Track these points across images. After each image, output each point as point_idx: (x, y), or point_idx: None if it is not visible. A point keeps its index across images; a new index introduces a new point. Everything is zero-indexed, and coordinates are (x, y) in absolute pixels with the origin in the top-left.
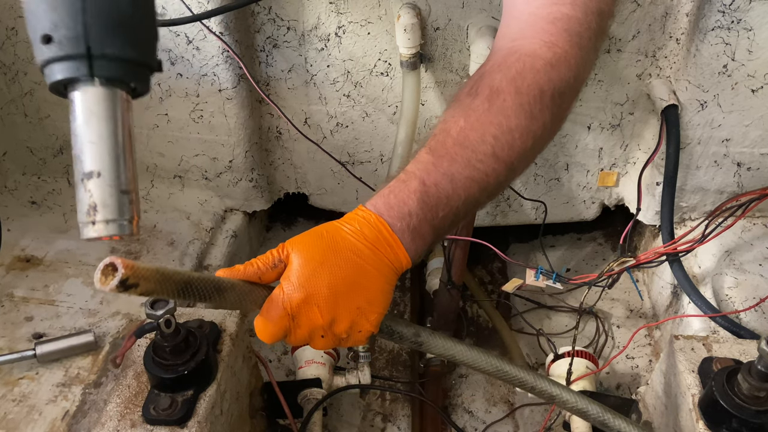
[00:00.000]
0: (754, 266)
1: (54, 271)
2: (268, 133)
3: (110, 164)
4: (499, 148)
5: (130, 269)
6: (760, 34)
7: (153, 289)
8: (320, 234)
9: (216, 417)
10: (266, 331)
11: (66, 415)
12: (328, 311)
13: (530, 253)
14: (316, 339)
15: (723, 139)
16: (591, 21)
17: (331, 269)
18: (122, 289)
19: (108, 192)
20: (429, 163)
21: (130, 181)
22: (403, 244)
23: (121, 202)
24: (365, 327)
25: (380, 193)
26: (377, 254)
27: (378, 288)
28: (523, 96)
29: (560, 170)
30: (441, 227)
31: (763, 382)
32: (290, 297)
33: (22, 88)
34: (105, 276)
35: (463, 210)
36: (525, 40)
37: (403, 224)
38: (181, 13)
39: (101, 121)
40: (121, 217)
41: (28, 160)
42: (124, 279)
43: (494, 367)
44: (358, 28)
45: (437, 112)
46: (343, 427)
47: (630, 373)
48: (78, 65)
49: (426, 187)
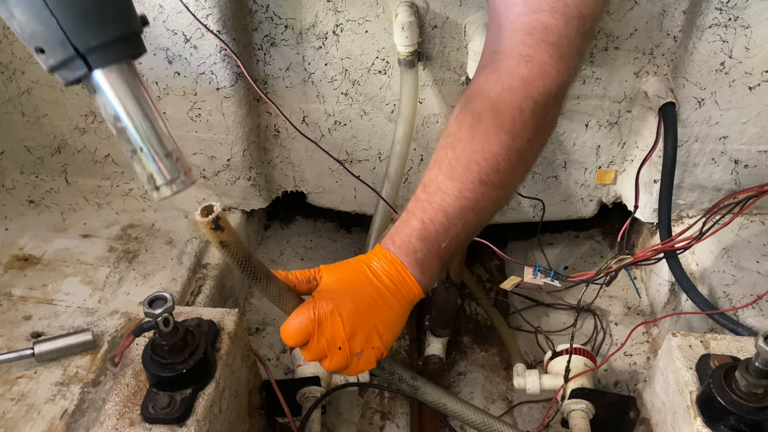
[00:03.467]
0: (752, 263)
1: (52, 270)
2: (266, 131)
3: (147, 136)
4: (484, 174)
5: (222, 215)
6: (757, 32)
7: (230, 242)
8: (349, 262)
9: (215, 415)
10: (293, 332)
11: (65, 414)
12: (350, 323)
13: (528, 250)
14: (333, 350)
15: (720, 137)
16: (572, 27)
17: (356, 288)
18: (213, 226)
19: (154, 161)
20: (424, 201)
21: (168, 142)
22: (414, 276)
23: (169, 164)
24: (377, 345)
25: (389, 234)
26: (394, 283)
27: (394, 312)
28: (503, 119)
29: (558, 168)
30: (446, 255)
31: (761, 378)
32: (319, 305)
33: (19, 87)
34: (202, 214)
35: (464, 234)
36: (504, 54)
37: (411, 259)
38: (179, 12)
39: (120, 101)
40: (175, 176)
41: (26, 159)
42: (217, 219)
43: (481, 420)
44: (356, 26)
45: (435, 110)
46: (342, 425)
47: (628, 371)
48: (75, 66)
49: (424, 224)
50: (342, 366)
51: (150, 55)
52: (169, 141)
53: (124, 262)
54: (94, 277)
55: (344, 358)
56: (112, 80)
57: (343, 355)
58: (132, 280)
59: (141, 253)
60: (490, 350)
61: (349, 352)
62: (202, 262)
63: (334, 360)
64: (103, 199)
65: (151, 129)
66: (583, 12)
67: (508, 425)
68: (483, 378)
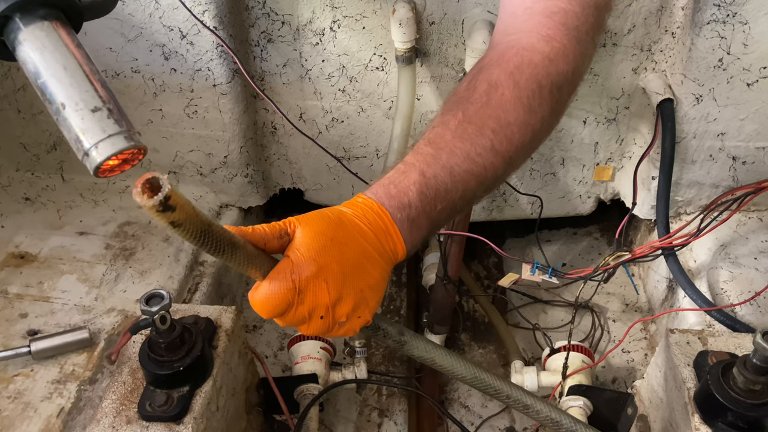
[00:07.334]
0: (749, 260)
1: (48, 268)
2: (263, 128)
3: (67, 91)
4: (497, 142)
5: (173, 191)
6: (756, 28)
7: (183, 219)
8: (326, 214)
9: (212, 413)
10: (268, 304)
11: (61, 412)
12: (336, 289)
13: (526, 247)
14: (314, 320)
15: (718, 133)
16: (588, 15)
17: (340, 247)
18: (161, 208)
19: (78, 118)
20: (428, 155)
21: (97, 98)
22: (402, 234)
23: (97, 121)
24: (364, 313)
25: (379, 182)
26: (380, 241)
27: (379, 274)
28: (522, 90)
29: (556, 165)
30: (438, 220)
31: (759, 375)
32: (300, 269)
33: (14, 84)
34: (143, 192)
35: (460, 203)
36: (522, 34)
37: (402, 215)
38: (175, 8)
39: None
40: (107, 135)
41: (22, 157)
42: (166, 199)
43: (472, 374)
44: (353, 22)
45: (433, 106)
46: (340, 423)
47: (626, 367)
48: None
49: (426, 178)
50: (322, 332)
51: (146, 51)
52: (100, 97)
53: (120, 259)
54: (91, 274)
55: (325, 325)
56: (32, 35)
57: (325, 323)
58: (129, 278)
59: (138, 250)
60: (487, 347)
61: (332, 321)
62: (199, 260)
63: (312, 327)
64: (99, 196)
65: (74, 83)
66: (599, 1)
67: (499, 378)
68: None
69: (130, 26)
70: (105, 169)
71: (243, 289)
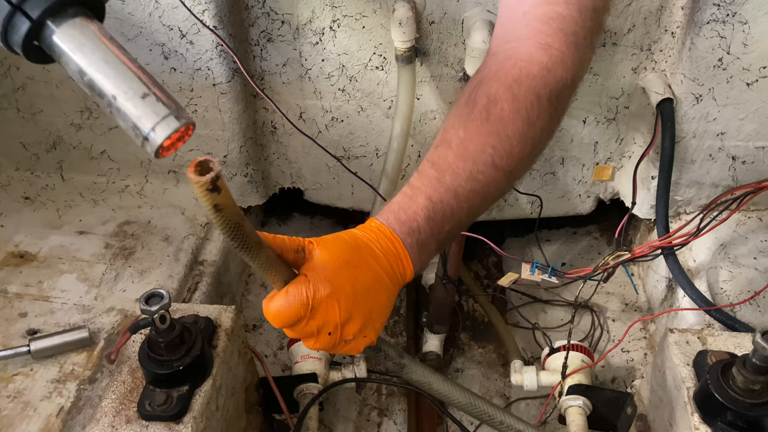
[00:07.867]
0: (749, 260)
1: (48, 267)
2: (262, 127)
3: (114, 83)
4: (498, 158)
5: (221, 173)
6: (755, 27)
7: (225, 205)
8: (343, 237)
9: (212, 412)
10: (281, 315)
11: (61, 411)
12: (347, 309)
13: (526, 247)
14: (322, 335)
15: (718, 133)
16: (586, 18)
17: (354, 270)
18: (210, 187)
19: (131, 106)
20: (433, 178)
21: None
22: (411, 258)
23: (149, 105)
24: (370, 333)
25: (389, 208)
26: (391, 265)
27: (387, 297)
28: (520, 102)
29: (555, 164)
30: (445, 239)
31: (758, 375)
32: (316, 288)
33: (14, 83)
34: (195, 171)
35: (466, 221)
36: (520, 42)
37: (412, 240)
38: (175, 7)
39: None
40: (162, 117)
41: (21, 156)
42: (216, 178)
43: (467, 400)
44: (353, 21)
45: (432, 106)
46: (340, 422)
47: (625, 367)
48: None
49: (433, 203)
50: (327, 348)
51: (146, 50)
52: (146, 84)
53: (120, 258)
54: (90, 274)
55: (332, 342)
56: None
57: (332, 340)
58: (128, 277)
59: (137, 249)
60: (487, 347)
61: (339, 338)
62: (198, 259)
63: (320, 343)
64: (99, 195)
65: (119, 74)
66: (597, 4)
67: (494, 406)
68: (480, 374)
69: (129, 25)
70: (163, 149)
71: (242, 289)
